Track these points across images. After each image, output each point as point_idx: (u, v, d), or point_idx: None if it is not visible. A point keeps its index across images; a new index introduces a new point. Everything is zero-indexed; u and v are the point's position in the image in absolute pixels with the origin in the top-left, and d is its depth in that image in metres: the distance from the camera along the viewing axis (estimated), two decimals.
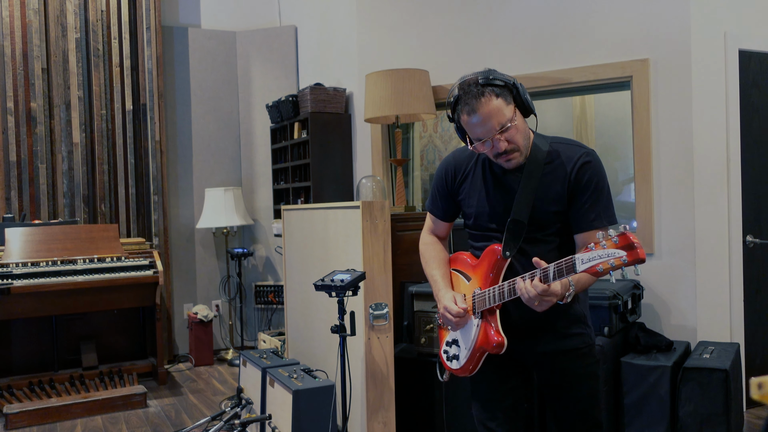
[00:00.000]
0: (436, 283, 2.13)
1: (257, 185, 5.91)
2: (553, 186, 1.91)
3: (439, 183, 2.15)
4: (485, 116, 1.82)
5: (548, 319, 1.96)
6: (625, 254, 1.52)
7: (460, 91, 1.88)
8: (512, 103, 1.87)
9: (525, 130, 1.91)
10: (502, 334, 1.91)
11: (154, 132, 5.45)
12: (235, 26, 5.96)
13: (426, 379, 3.44)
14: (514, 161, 1.90)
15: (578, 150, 1.93)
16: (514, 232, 1.92)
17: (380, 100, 4.19)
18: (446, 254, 2.23)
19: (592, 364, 2.05)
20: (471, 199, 2.05)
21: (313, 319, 3.77)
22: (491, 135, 1.84)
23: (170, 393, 4.64)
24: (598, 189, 1.90)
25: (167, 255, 5.50)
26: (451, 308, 1.99)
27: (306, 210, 3.84)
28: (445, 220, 2.22)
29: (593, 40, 3.92)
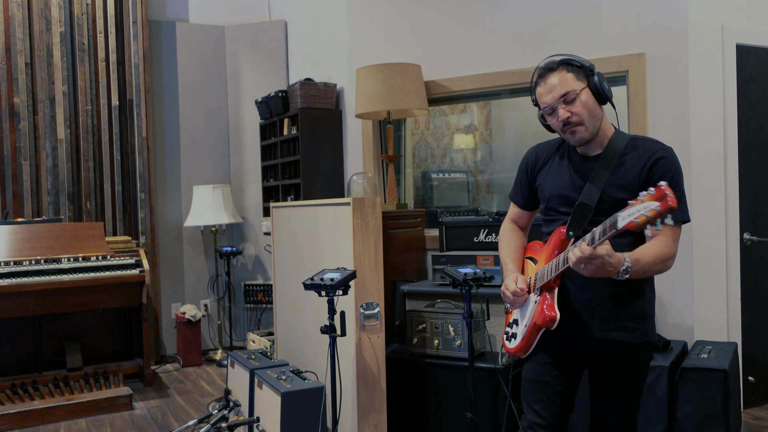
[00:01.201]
0: (505, 265, 2.22)
1: (246, 182, 5.81)
2: (626, 175, 1.96)
3: (521, 171, 2.26)
4: (552, 85, 1.96)
5: (607, 306, 2.00)
6: (659, 204, 1.52)
7: (539, 70, 2.03)
8: (584, 82, 1.97)
9: (593, 109, 1.97)
10: (556, 309, 1.96)
11: (140, 128, 5.34)
12: (224, 21, 5.86)
13: (419, 380, 3.36)
14: (578, 135, 1.97)
15: (656, 145, 1.99)
16: (581, 214, 1.98)
17: (371, 95, 4.10)
18: (522, 241, 2.30)
19: (642, 362, 2.07)
20: (546, 184, 2.15)
21: (302, 319, 3.69)
22: (555, 102, 1.95)
23: (157, 395, 4.54)
24: (673, 182, 1.90)
25: (154, 254, 5.40)
26: (509, 286, 2.08)
27: (295, 207, 3.76)
28: (526, 209, 2.30)
29: (588, 34, 3.84)
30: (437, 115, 5.41)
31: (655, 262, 1.86)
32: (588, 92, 1.97)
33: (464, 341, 3.24)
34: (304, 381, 3.13)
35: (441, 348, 3.32)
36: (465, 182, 5.47)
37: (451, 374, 3.26)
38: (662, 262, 1.89)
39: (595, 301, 2.00)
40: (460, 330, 3.26)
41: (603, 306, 2.00)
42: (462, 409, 3.20)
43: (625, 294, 1.99)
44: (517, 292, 2.06)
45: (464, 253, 3.61)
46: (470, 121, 5.54)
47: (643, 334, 2.02)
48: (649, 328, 2.05)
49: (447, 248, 3.85)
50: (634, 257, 1.81)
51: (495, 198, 5.34)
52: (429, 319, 3.36)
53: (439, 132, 5.44)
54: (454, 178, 5.38)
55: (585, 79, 1.98)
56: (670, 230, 1.92)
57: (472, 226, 3.77)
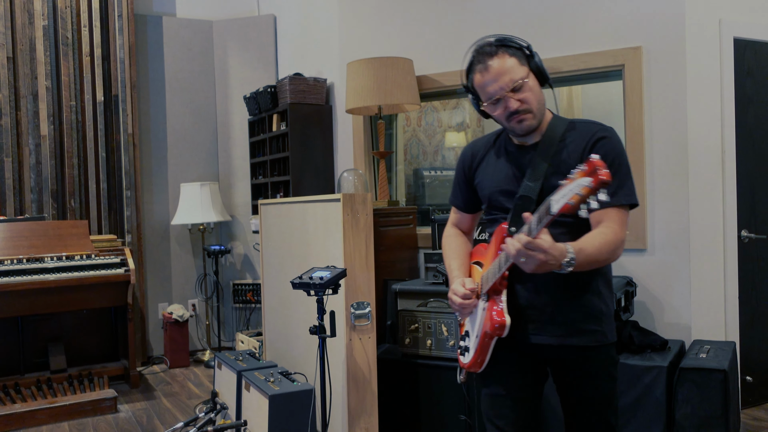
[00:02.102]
0: (450, 272, 2.05)
1: (235, 180, 5.70)
2: (566, 161, 1.81)
3: (458, 171, 2.10)
4: (498, 72, 1.80)
5: (560, 309, 1.85)
6: (591, 179, 1.37)
7: (474, 53, 1.87)
8: (527, 65, 1.83)
9: (539, 94, 1.85)
10: (506, 314, 1.79)
11: (126, 124, 5.22)
12: (212, 15, 5.75)
13: (411, 381, 3.28)
14: (526, 123, 1.83)
15: (595, 126, 1.86)
16: (522, 208, 1.80)
17: (362, 90, 4.01)
18: (467, 246, 2.14)
19: (608, 366, 1.91)
20: (485, 181, 2.00)
21: (291, 319, 3.59)
22: (503, 92, 1.80)
23: (143, 397, 4.43)
24: (615, 164, 1.77)
25: (141, 252, 5.28)
26: (456, 290, 1.90)
27: (284, 204, 3.66)
28: (467, 211, 2.14)
29: (584, 27, 3.77)
30: (429, 112, 5.33)
31: (601, 251, 1.71)
32: (533, 77, 1.83)
33: (457, 341, 3.15)
34: (292, 383, 3.04)
35: (434, 348, 3.24)
36: None
37: (444, 375, 3.18)
38: (610, 250, 1.73)
39: (550, 305, 1.84)
40: (454, 330, 3.18)
41: (558, 310, 1.84)
42: (456, 411, 3.11)
43: (581, 294, 1.84)
44: (467, 295, 1.86)
45: None
46: (462, 119, 5.47)
47: (603, 336, 1.88)
48: (609, 328, 1.90)
49: (439, 246, 3.76)
50: (577, 247, 1.65)
51: None
52: (421, 319, 3.28)
53: (431, 129, 5.35)
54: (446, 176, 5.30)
55: (526, 61, 1.83)
56: (616, 214, 1.76)
57: None
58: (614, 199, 1.74)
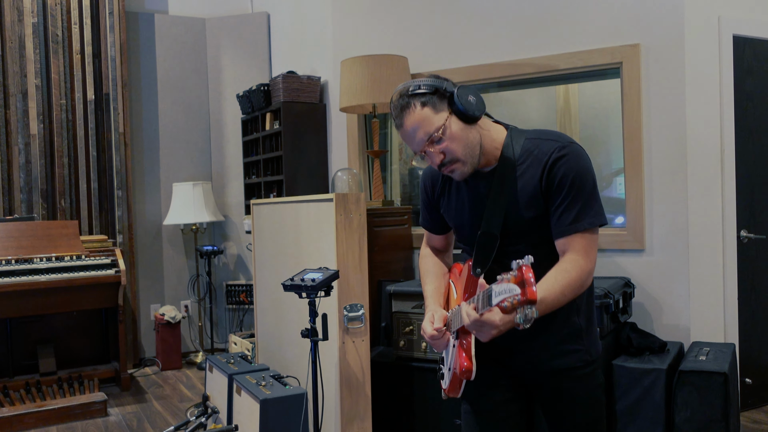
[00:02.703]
0: (426, 299, 1.92)
1: (228, 179, 5.63)
2: (526, 188, 1.67)
3: (422, 195, 1.97)
4: (411, 129, 1.66)
5: (537, 332, 1.72)
6: (520, 291, 1.29)
7: (391, 105, 1.72)
8: (446, 110, 1.65)
9: (466, 137, 1.66)
10: (472, 359, 1.65)
11: (117, 123, 5.15)
12: (205, 12, 5.68)
13: (405, 385, 3.22)
14: (457, 172, 1.68)
15: (552, 144, 1.67)
16: (485, 246, 1.70)
17: (356, 88, 3.94)
18: (441, 267, 1.99)
19: (593, 388, 1.79)
20: (449, 212, 1.87)
21: (284, 321, 3.53)
22: (421, 147, 1.67)
23: (134, 400, 4.36)
24: (576, 185, 1.62)
25: (132, 253, 5.21)
26: (425, 329, 1.76)
27: (276, 204, 3.59)
28: (437, 233, 2.01)
29: (581, 24, 3.71)
30: None
31: (564, 294, 1.57)
32: (455, 120, 1.64)
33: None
34: (284, 387, 2.97)
35: (429, 351, 3.18)
36: None
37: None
38: (574, 289, 1.60)
39: (528, 331, 1.57)
40: None
41: (535, 333, 1.70)
42: (451, 415, 3.05)
43: (557, 314, 1.68)
44: (434, 336, 1.72)
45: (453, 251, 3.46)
46: None
47: (585, 353, 1.76)
48: (590, 344, 1.78)
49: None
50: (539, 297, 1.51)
51: None
52: (416, 321, 3.21)
53: None
54: None
55: (446, 105, 1.65)
56: (581, 241, 1.62)
57: None
58: (578, 224, 1.62)
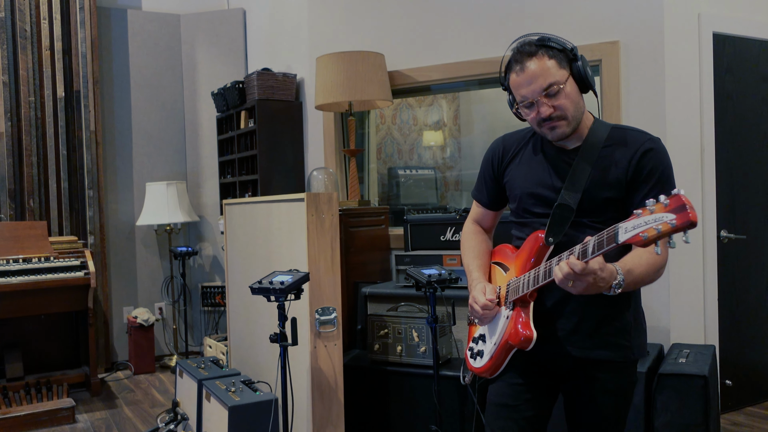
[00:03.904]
0: (470, 273, 1.93)
1: (203, 179, 5.52)
2: (610, 170, 1.72)
3: (485, 165, 1.98)
4: (532, 74, 1.68)
5: (587, 320, 1.73)
6: (675, 217, 1.27)
7: (513, 51, 1.75)
8: (567, 69, 1.70)
9: (577, 101, 1.72)
10: (533, 327, 1.69)
11: (88, 121, 5.02)
12: (179, 8, 5.55)
13: (380, 389, 3.14)
14: (558, 131, 1.71)
15: (642, 136, 1.74)
16: (561, 217, 1.72)
17: (332, 85, 3.86)
18: (488, 245, 2.02)
19: (627, 384, 1.80)
20: (517, 180, 1.87)
21: (255, 324, 3.43)
22: (536, 96, 1.69)
23: (104, 405, 4.23)
24: (663, 179, 1.69)
25: (104, 254, 5.08)
26: (478, 298, 1.80)
27: (248, 204, 3.50)
28: (491, 208, 2.02)
29: (559, 21, 3.65)
30: (404, 109, 5.20)
31: (648, 273, 1.61)
32: (572, 82, 1.70)
33: (429, 347, 3.02)
34: (255, 393, 2.88)
35: (404, 355, 3.10)
36: (433, 179, 5.26)
37: (414, 383, 3.04)
38: (655, 271, 1.63)
39: (577, 315, 1.74)
40: (425, 335, 3.04)
41: (585, 320, 1.74)
42: (427, 420, 2.98)
43: (610, 306, 1.72)
44: (488, 305, 1.77)
45: (430, 253, 3.39)
46: (438, 117, 5.34)
47: (630, 351, 1.76)
48: (636, 344, 1.78)
49: (412, 247, 3.63)
50: (626, 268, 1.56)
51: (464, 195, 5.13)
52: (391, 324, 3.14)
53: (406, 127, 5.22)
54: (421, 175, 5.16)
55: (568, 65, 1.70)
56: None
57: (438, 224, 3.56)
58: None
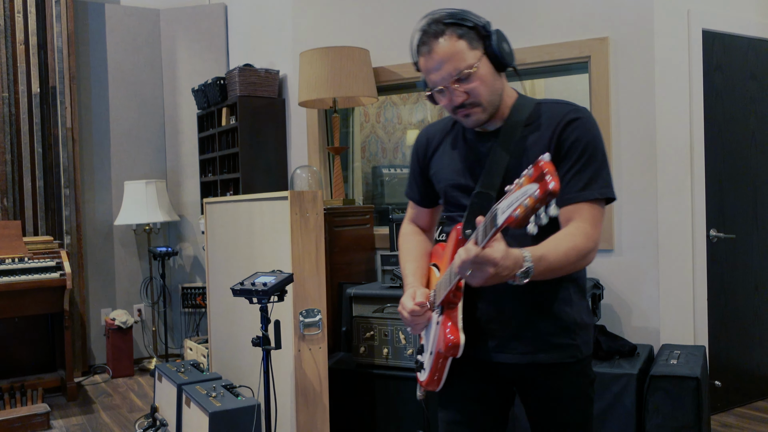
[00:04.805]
0: (405, 278, 1.78)
1: (184, 178, 5.40)
2: (532, 150, 1.55)
3: (412, 160, 1.84)
4: (441, 58, 1.51)
5: (526, 322, 1.59)
6: (537, 187, 1.12)
7: (420, 31, 1.57)
8: (480, 49, 1.53)
9: (493, 84, 1.55)
10: (459, 331, 1.53)
11: (65, 118, 4.88)
12: (159, 3, 5.43)
13: (366, 394, 3.05)
14: (473, 117, 1.56)
15: (566, 107, 1.57)
16: (479, 206, 1.55)
17: (316, 81, 3.77)
18: (425, 245, 1.86)
19: (583, 385, 1.65)
20: (440, 172, 1.73)
21: (237, 327, 3.33)
22: (446, 82, 1.53)
23: (80, 411, 4.11)
24: (588, 151, 1.52)
25: (81, 255, 4.94)
26: (405, 304, 1.63)
27: (230, 203, 3.40)
28: (424, 205, 1.87)
29: (548, 17, 3.59)
30: (388, 107, 5.11)
31: (567, 258, 1.44)
32: (486, 62, 1.53)
33: (416, 350, 2.94)
34: (236, 398, 2.78)
35: (390, 358, 3.02)
36: None
37: (401, 387, 2.96)
38: (578, 257, 1.46)
39: (514, 318, 1.58)
40: (412, 338, 2.96)
41: (524, 322, 1.60)
42: (414, 425, 2.90)
43: (549, 304, 1.59)
44: (415, 311, 1.60)
45: None
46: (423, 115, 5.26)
47: (577, 350, 1.61)
48: (583, 340, 1.63)
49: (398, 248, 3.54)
50: (537, 254, 1.37)
51: None
52: (377, 326, 3.05)
53: (391, 125, 5.14)
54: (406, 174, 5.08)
55: (481, 43, 1.53)
56: (589, 211, 1.51)
57: None
58: (587, 192, 1.51)
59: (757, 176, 3.74)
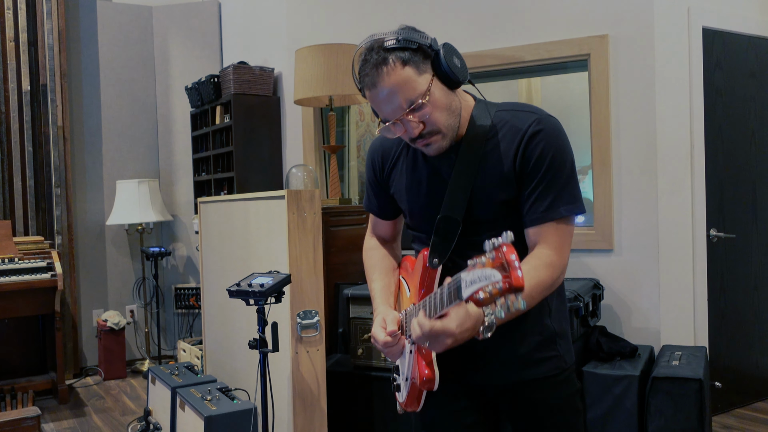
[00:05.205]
0: (373, 299, 1.66)
1: (177, 177, 5.33)
2: (497, 167, 1.45)
3: (369, 173, 1.71)
4: (389, 91, 1.38)
5: (506, 343, 1.51)
6: (500, 278, 1.04)
7: (361, 60, 1.44)
8: (429, 71, 1.41)
9: (448, 105, 1.43)
10: (434, 367, 1.44)
11: (56, 116, 4.80)
12: (152, 0, 5.36)
13: (364, 396, 3.00)
14: (434, 146, 1.44)
15: (529, 116, 1.45)
16: (445, 233, 1.47)
17: (312, 79, 3.71)
18: (390, 261, 1.74)
19: (571, 396, 1.58)
20: (401, 192, 1.62)
21: (233, 328, 3.27)
22: (398, 115, 1.39)
23: (71, 414, 4.04)
24: (554, 167, 1.42)
25: (72, 255, 4.86)
26: (377, 336, 1.50)
27: (225, 202, 3.34)
28: (385, 218, 1.75)
29: (547, 14, 3.54)
30: None
31: (533, 298, 1.36)
32: (438, 84, 1.41)
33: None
34: (232, 401, 2.73)
35: (388, 360, 2.96)
36: None
37: None
38: (544, 289, 1.40)
39: (492, 340, 1.39)
40: None
41: (503, 343, 1.51)
42: (412, 428, 2.85)
43: (527, 318, 1.49)
44: (389, 343, 1.47)
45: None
46: None
47: (561, 360, 1.56)
48: (565, 349, 1.58)
49: None
50: None
51: None
52: None
53: None
54: None
55: (429, 65, 1.41)
56: (555, 232, 1.42)
57: None
58: (552, 212, 1.42)
59: (756, 175, 3.72)
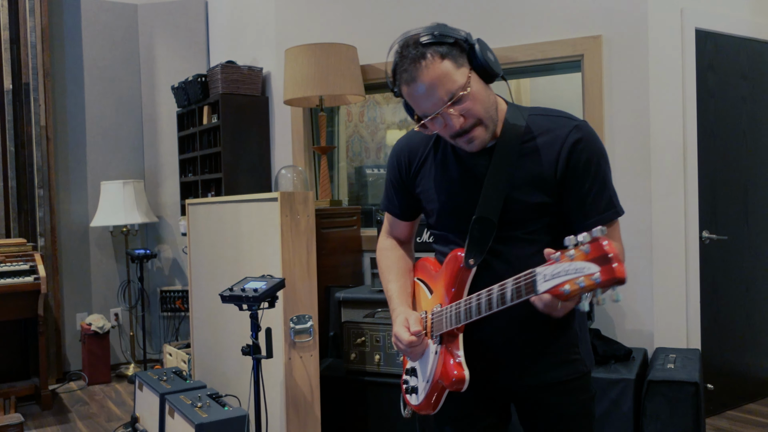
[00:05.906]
0: (390, 300, 1.65)
1: (162, 178, 5.25)
2: (534, 170, 1.45)
3: (392, 173, 1.68)
4: (429, 85, 1.38)
5: (536, 341, 1.51)
6: (599, 271, 1.06)
7: (397, 56, 1.43)
8: (466, 65, 1.41)
9: (487, 97, 1.43)
10: (464, 366, 1.43)
11: (38, 116, 4.70)
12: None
13: (357, 402, 2.95)
14: (477, 140, 1.43)
15: (566, 123, 1.46)
16: (481, 233, 1.46)
17: (301, 79, 3.66)
18: (407, 262, 1.74)
19: (586, 401, 1.58)
20: (430, 192, 1.59)
21: (223, 332, 3.21)
22: (439, 108, 1.39)
23: (55, 420, 3.95)
24: (602, 170, 1.46)
25: (55, 258, 4.77)
26: (401, 336, 1.50)
27: (214, 204, 3.27)
28: (405, 219, 1.73)
29: (541, 14, 3.52)
30: (371, 107, 5.02)
31: None
32: (475, 78, 1.41)
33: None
34: (223, 408, 2.67)
35: (383, 364, 2.92)
36: None
37: (394, 395, 2.86)
38: None
39: (516, 341, 1.49)
40: None
41: (528, 344, 1.52)
42: None
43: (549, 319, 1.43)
44: (413, 342, 1.49)
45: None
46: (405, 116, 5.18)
47: (582, 364, 1.57)
48: (585, 353, 1.58)
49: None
50: None
51: None
52: (369, 332, 2.96)
53: (374, 125, 5.04)
54: None
55: (465, 58, 1.41)
56: (617, 229, 1.51)
57: None
58: (610, 213, 1.47)
59: (748, 177, 3.72)
